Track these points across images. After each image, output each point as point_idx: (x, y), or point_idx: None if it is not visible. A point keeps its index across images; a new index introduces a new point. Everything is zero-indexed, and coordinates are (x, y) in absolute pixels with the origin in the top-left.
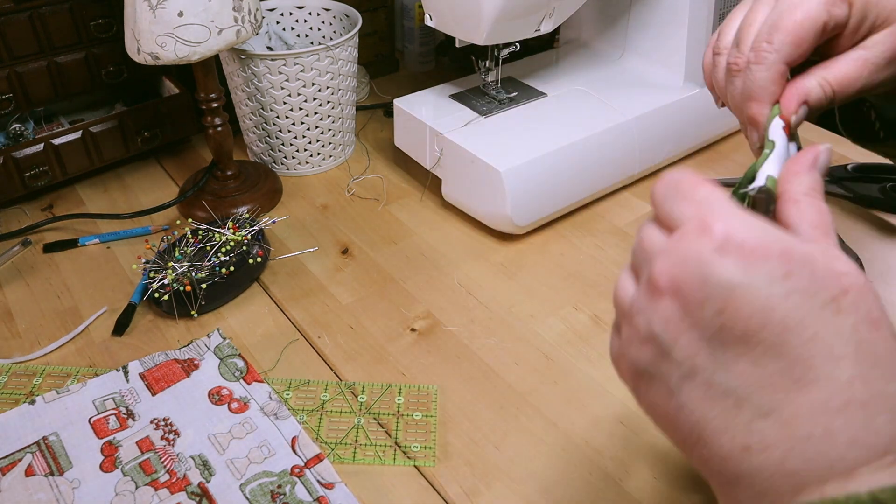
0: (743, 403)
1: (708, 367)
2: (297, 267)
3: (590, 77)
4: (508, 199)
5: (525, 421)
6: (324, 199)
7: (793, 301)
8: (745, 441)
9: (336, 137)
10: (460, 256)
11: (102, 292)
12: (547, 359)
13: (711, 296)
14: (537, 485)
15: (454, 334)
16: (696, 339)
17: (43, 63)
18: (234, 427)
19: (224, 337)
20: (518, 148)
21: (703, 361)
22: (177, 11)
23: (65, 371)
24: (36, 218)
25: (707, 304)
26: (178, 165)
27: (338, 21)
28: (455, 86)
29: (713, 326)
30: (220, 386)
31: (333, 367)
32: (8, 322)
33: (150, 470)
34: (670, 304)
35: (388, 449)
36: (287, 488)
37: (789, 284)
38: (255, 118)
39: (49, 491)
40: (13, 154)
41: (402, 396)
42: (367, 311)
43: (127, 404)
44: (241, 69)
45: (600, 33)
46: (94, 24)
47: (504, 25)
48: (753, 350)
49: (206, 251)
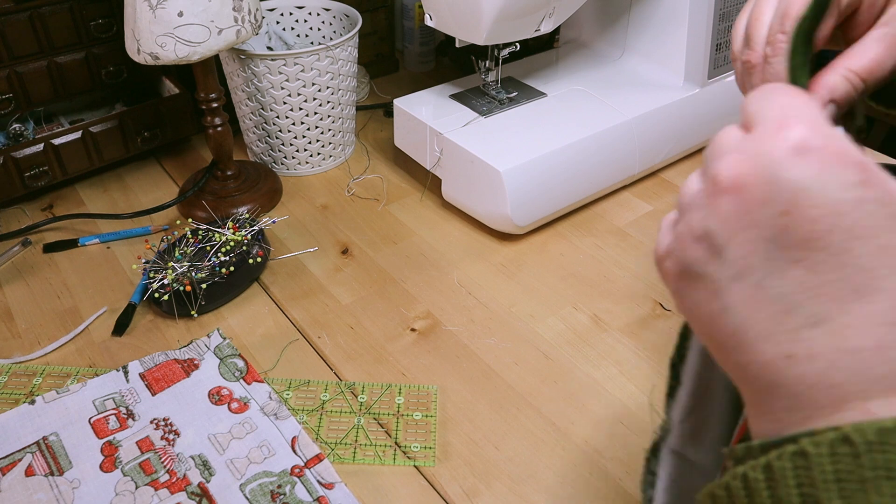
0: (794, 310)
1: (761, 270)
2: (297, 267)
3: (590, 77)
4: (508, 199)
5: (525, 421)
6: (324, 199)
7: (865, 209)
8: (789, 349)
9: (336, 137)
10: (460, 256)
11: (102, 292)
12: (547, 359)
13: (778, 195)
14: (537, 485)
15: (454, 334)
16: (752, 240)
17: (43, 63)
18: (234, 427)
19: (224, 337)
20: (518, 148)
21: (758, 262)
22: (177, 11)
23: (65, 371)
24: (36, 218)
25: (771, 203)
26: (178, 165)
27: (338, 21)
28: (455, 86)
29: (776, 227)
30: (220, 386)
31: (333, 367)
32: (8, 322)
33: (150, 470)
34: (731, 201)
35: (388, 449)
36: (287, 488)
37: (863, 192)
38: (255, 118)
39: (49, 491)
40: (13, 154)
41: (402, 396)
42: (367, 311)
43: (127, 404)
44: (241, 69)
45: (600, 33)
46: (94, 24)
47: (504, 25)
48: (815, 255)
49: (206, 251)
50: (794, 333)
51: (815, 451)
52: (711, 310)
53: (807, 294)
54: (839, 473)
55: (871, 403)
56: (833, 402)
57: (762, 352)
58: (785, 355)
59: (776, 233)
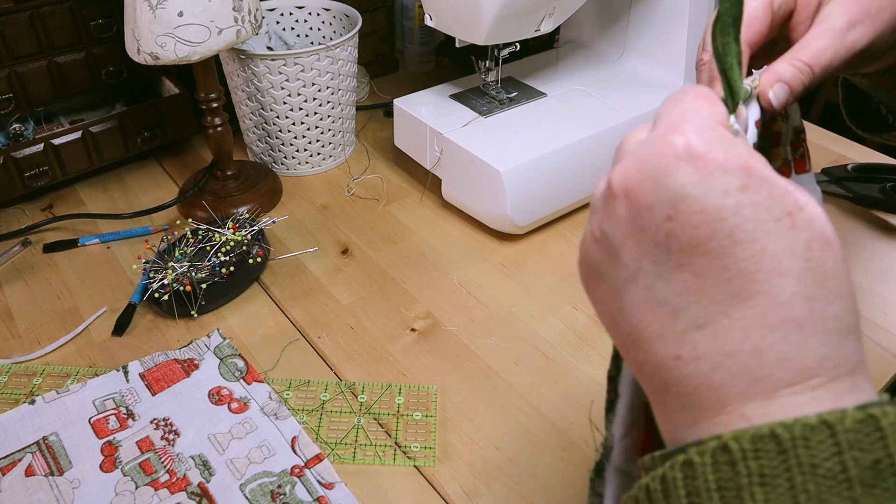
0: (680, 313)
1: (651, 273)
2: (297, 267)
3: (590, 77)
4: (508, 199)
5: (525, 421)
6: (324, 199)
7: (745, 214)
8: (677, 350)
9: (336, 137)
10: (460, 256)
11: (102, 292)
12: (547, 359)
13: (662, 201)
14: (537, 485)
15: (454, 334)
16: (642, 244)
17: (43, 63)
18: (234, 427)
19: (224, 337)
20: (518, 148)
21: (647, 266)
22: (177, 11)
23: (64, 371)
24: (36, 218)
25: (657, 208)
26: (178, 165)
27: (338, 21)
28: (455, 86)
29: (661, 232)
30: (220, 386)
31: (333, 367)
32: (8, 322)
33: (150, 470)
34: (622, 206)
35: (388, 449)
36: (287, 488)
37: (744, 197)
38: (255, 118)
39: (49, 491)
40: (13, 154)
41: (402, 396)
42: (367, 311)
43: (127, 404)
44: (241, 69)
45: (600, 33)
46: (94, 24)
47: (504, 25)
48: (698, 261)
49: (206, 251)
50: (682, 335)
51: (700, 461)
52: (611, 308)
53: (691, 298)
54: (720, 482)
55: (747, 407)
56: (715, 405)
57: (654, 352)
58: (674, 356)
59: (662, 238)
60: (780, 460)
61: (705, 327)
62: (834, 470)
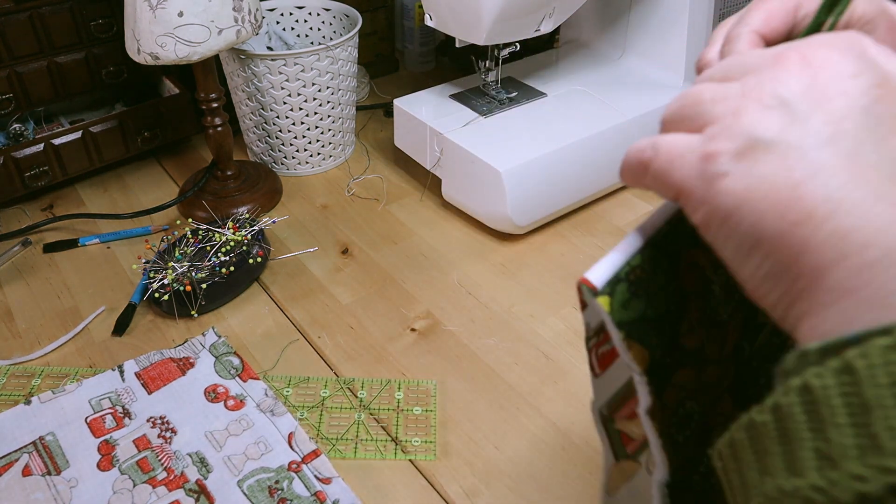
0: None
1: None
2: (297, 267)
3: (590, 77)
4: (508, 199)
5: (525, 421)
6: (324, 199)
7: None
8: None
9: (336, 137)
10: (460, 256)
11: (102, 292)
12: (547, 359)
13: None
14: (537, 485)
15: (454, 334)
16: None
17: (43, 63)
18: (231, 424)
19: (219, 335)
20: (518, 148)
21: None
22: (177, 11)
23: (63, 371)
24: (36, 218)
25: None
26: (178, 165)
27: (338, 21)
28: (455, 86)
29: (869, 97)
30: (216, 384)
31: (333, 367)
32: (8, 322)
33: (148, 468)
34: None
35: (389, 444)
36: (285, 484)
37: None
38: (255, 118)
39: (47, 490)
40: (13, 154)
41: (402, 392)
42: (367, 311)
43: (123, 403)
44: (241, 69)
45: (600, 33)
46: (94, 24)
47: (504, 25)
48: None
49: (206, 251)
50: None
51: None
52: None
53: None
54: None
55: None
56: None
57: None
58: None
59: (870, 103)
60: None
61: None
62: None
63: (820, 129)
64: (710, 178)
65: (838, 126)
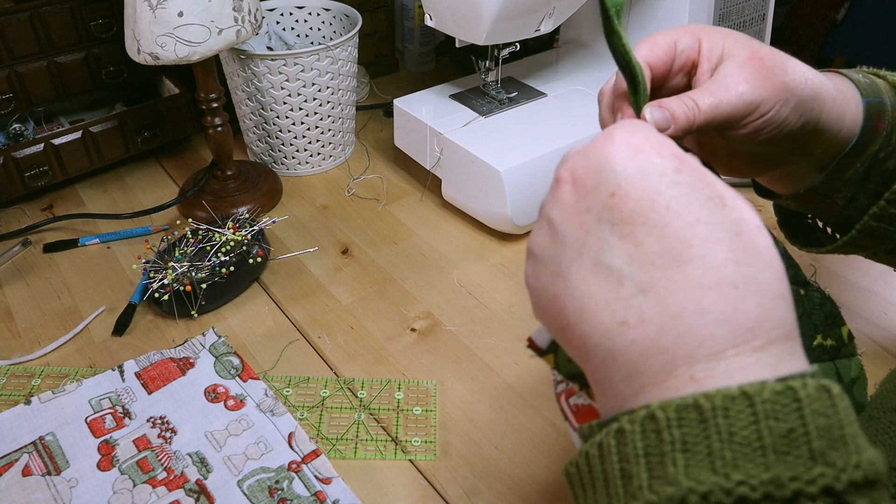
0: (624, 280)
1: (595, 247)
2: (297, 267)
3: (590, 77)
4: (508, 199)
5: (525, 421)
6: (324, 199)
7: (680, 190)
8: (623, 315)
9: (336, 137)
10: (460, 256)
11: (102, 292)
12: None
13: (605, 181)
14: (537, 485)
15: (454, 334)
16: (587, 222)
17: (43, 63)
18: (231, 424)
19: (219, 335)
20: (518, 148)
21: (591, 242)
22: (177, 11)
23: (63, 372)
24: (36, 218)
25: (600, 188)
26: (178, 165)
27: (338, 21)
28: (455, 86)
29: (605, 208)
30: (216, 384)
31: (333, 367)
32: (8, 322)
33: (148, 468)
34: (568, 191)
35: (389, 444)
36: (285, 484)
37: (678, 178)
38: (255, 118)
39: (47, 490)
40: (13, 154)
41: (402, 392)
42: (367, 311)
43: (123, 403)
44: (241, 69)
45: (600, 33)
46: (94, 24)
47: (504, 25)
48: (639, 230)
49: (206, 251)
50: (628, 301)
51: (630, 429)
52: (557, 290)
53: (635, 265)
54: (647, 448)
55: (696, 369)
56: (664, 369)
57: (600, 321)
58: (620, 322)
59: (605, 213)
60: (701, 428)
61: (649, 291)
62: (749, 438)
63: (571, 244)
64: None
65: (584, 240)
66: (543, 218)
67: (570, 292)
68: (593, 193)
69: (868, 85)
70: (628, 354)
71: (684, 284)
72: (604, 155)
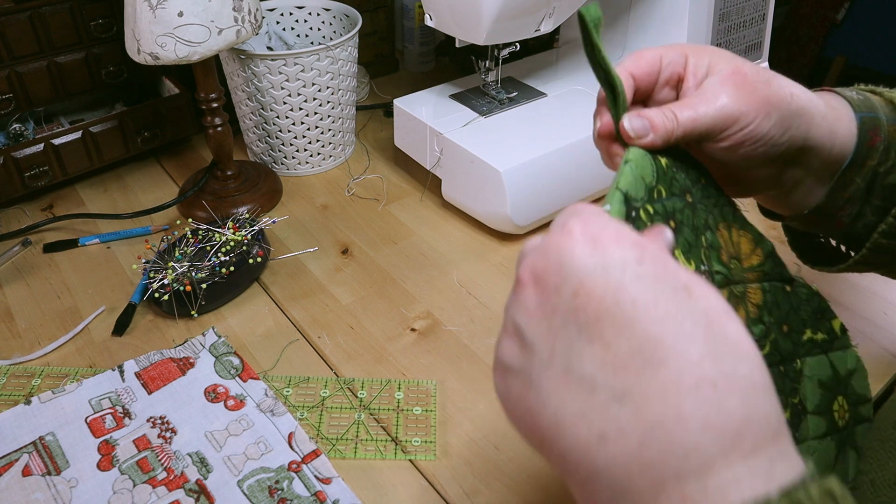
0: (597, 388)
1: (564, 354)
2: (297, 267)
3: (590, 77)
4: (508, 199)
5: None
6: (324, 199)
7: (644, 283)
8: (601, 428)
9: (336, 137)
10: (460, 256)
11: (102, 292)
12: None
13: (567, 280)
14: (537, 485)
15: (454, 334)
16: (553, 326)
17: (43, 63)
18: (231, 424)
19: (219, 335)
20: (518, 148)
21: (561, 347)
22: (177, 11)
23: (63, 372)
24: (36, 218)
25: (563, 288)
26: (178, 165)
27: (338, 21)
28: (455, 86)
29: (569, 310)
30: (216, 384)
31: (333, 367)
32: (8, 322)
33: (148, 468)
34: (531, 293)
35: (389, 444)
36: (285, 484)
37: (641, 269)
38: (255, 118)
39: (47, 490)
40: (13, 154)
41: (402, 392)
42: (367, 311)
43: (123, 403)
44: (241, 69)
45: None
46: (94, 24)
47: (504, 25)
48: (607, 330)
49: (206, 251)
50: (603, 411)
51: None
52: (529, 403)
53: (607, 370)
54: None
55: (686, 486)
56: (652, 486)
57: (577, 435)
58: (598, 436)
59: (571, 316)
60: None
61: (625, 398)
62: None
63: (540, 351)
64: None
65: (552, 347)
66: (509, 323)
67: (544, 405)
68: (556, 295)
69: (862, 101)
70: (611, 473)
71: (661, 389)
72: (561, 251)
